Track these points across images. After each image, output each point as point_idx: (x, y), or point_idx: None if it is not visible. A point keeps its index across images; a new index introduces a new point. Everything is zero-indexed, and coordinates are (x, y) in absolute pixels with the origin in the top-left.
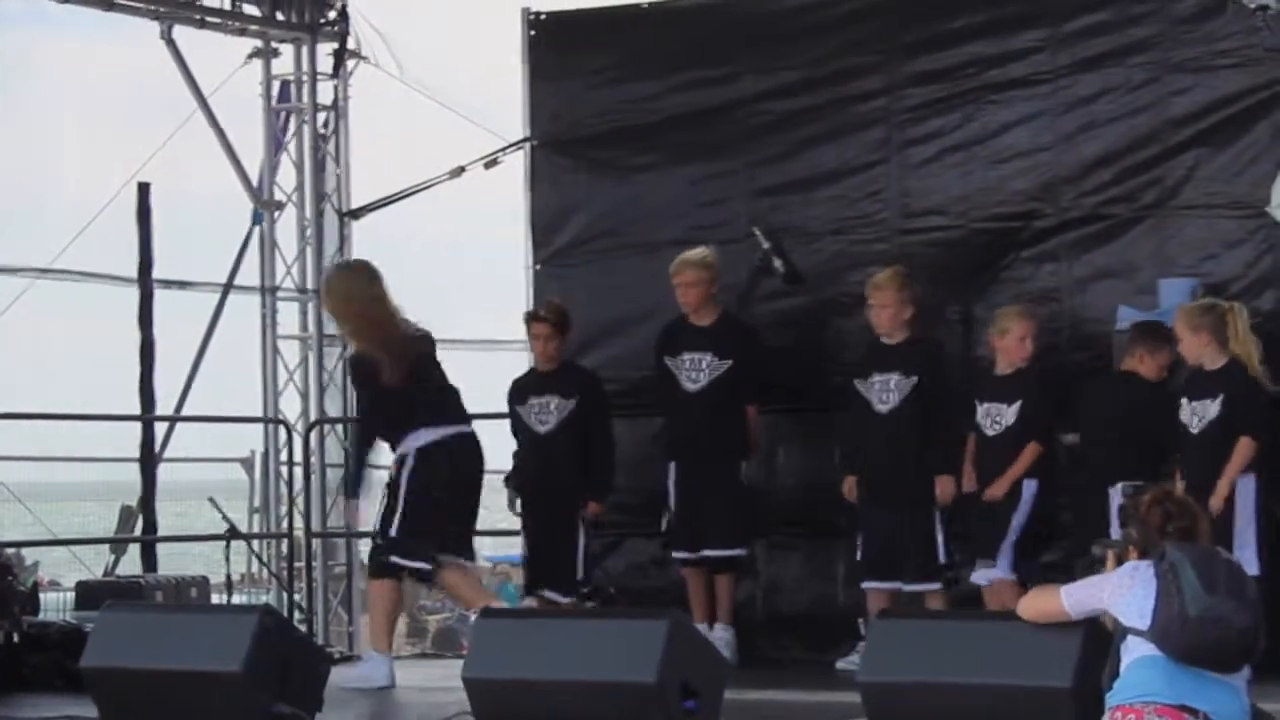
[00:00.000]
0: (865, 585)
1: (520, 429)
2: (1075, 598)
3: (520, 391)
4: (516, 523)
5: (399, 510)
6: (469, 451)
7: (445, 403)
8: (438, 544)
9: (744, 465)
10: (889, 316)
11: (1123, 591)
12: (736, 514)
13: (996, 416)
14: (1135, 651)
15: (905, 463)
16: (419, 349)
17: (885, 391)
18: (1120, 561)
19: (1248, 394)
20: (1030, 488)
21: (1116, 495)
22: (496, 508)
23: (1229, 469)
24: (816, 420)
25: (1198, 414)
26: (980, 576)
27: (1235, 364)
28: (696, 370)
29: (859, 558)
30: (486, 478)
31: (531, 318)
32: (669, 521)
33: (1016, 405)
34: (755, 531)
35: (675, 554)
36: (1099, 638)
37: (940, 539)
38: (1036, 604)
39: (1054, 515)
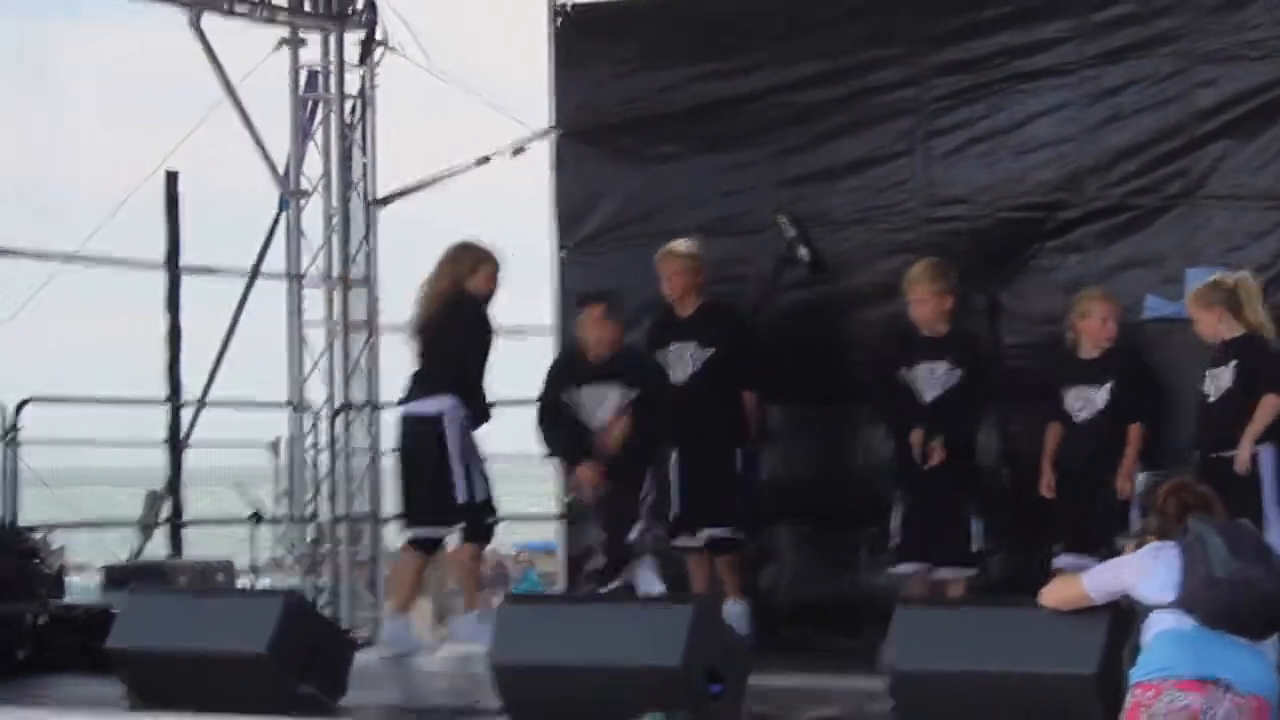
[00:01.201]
0: (901, 569)
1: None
2: (1097, 582)
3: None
4: (540, 508)
5: None
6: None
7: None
8: None
9: (739, 452)
10: (930, 310)
11: (1145, 573)
12: (733, 498)
13: (1087, 399)
14: (1157, 626)
15: (949, 450)
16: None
17: (933, 379)
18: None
19: (1264, 356)
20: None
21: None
22: (522, 494)
23: (1251, 428)
24: (839, 410)
25: (1214, 381)
26: None
27: (1250, 332)
28: (680, 360)
29: (897, 542)
30: (519, 463)
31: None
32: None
33: (1107, 387)
34: (754, 518)
35: (675, 543)
36: (1123, 624)
37: (974, 526)
38: (1060, 591)
39: None
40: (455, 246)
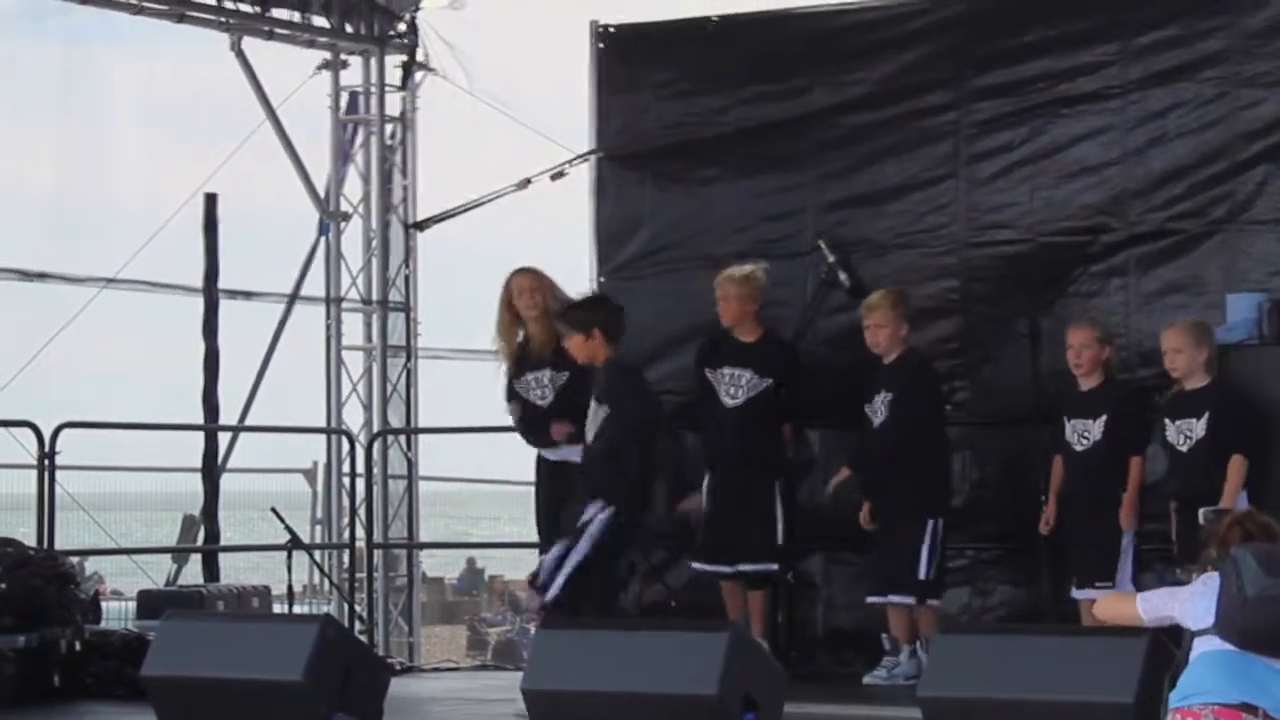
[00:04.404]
0: (871, 600)
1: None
2: (1150, 603)
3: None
4: None
5: None
6: None
7: None
8: None
9: (778, 483)
10: (886, 336)
11: (1192, 603)
12: (770, 530)
13: (1187, 431)
14: (1197, 651)
15: (894, 476)
16: None
17: (881, 407)
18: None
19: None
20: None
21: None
22: None
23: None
24: None
25: (1184, 432)
26: None
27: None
28: (735, 386)
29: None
30: None
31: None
32: (700, 534)
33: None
34: (790, 548)
35: (703, 566)
36: (1161, 652)
37: (925, 554)
38: (1114, 607)
39: None
40: None
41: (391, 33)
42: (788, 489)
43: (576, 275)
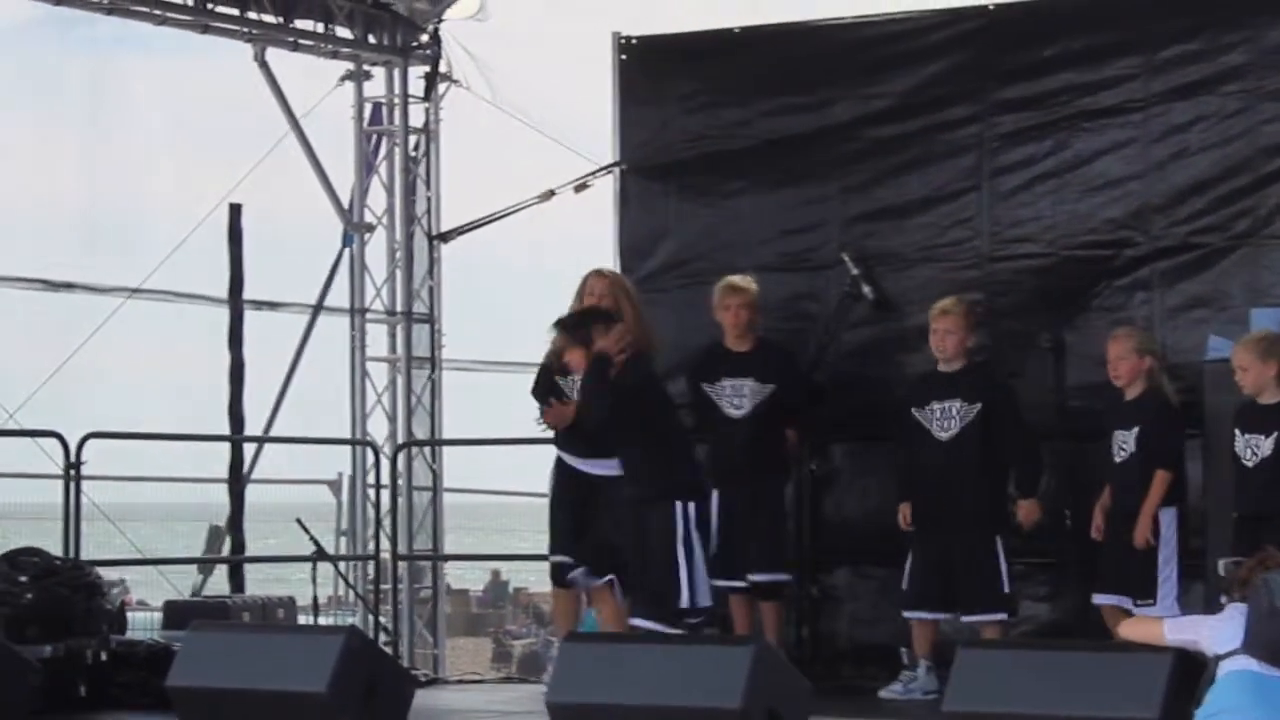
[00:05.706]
0: (910, 615)
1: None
2: (1176, 627)
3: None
4: None
5: None
6: None
7: None
8: None
9: (788, 488)
10: (955, 343)
11: (1221, 627)
12: (780, 538)
13: (1255, 447)
14: (1223, 670)
15: (965, 490)
16: None
17: (946, 419)
18: None
19: None
20: None
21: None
22: None
23: None
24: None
25: (1252, 447)
26: None
27: None
28: (739, 396)
29: (905, 587)
30: None
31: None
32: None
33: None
34: (814, 560)
35: (717, 582)
36: (1186, 669)
37: (1004, 568)
38: (1140, 627)
39: None
40: None
41: (415, 44)
42: (813, 499)
43: None
